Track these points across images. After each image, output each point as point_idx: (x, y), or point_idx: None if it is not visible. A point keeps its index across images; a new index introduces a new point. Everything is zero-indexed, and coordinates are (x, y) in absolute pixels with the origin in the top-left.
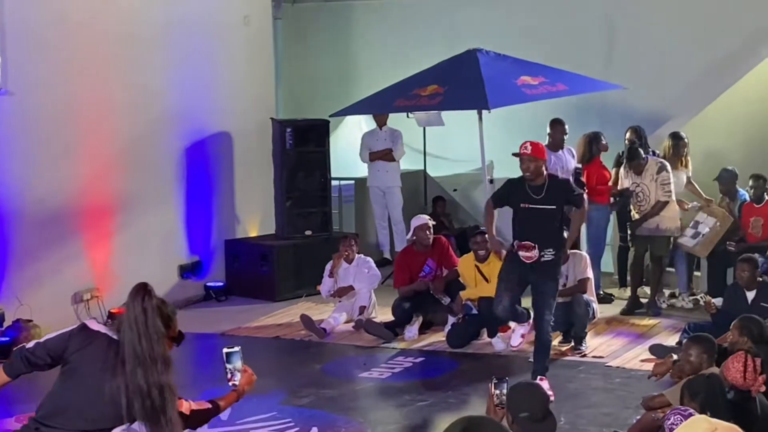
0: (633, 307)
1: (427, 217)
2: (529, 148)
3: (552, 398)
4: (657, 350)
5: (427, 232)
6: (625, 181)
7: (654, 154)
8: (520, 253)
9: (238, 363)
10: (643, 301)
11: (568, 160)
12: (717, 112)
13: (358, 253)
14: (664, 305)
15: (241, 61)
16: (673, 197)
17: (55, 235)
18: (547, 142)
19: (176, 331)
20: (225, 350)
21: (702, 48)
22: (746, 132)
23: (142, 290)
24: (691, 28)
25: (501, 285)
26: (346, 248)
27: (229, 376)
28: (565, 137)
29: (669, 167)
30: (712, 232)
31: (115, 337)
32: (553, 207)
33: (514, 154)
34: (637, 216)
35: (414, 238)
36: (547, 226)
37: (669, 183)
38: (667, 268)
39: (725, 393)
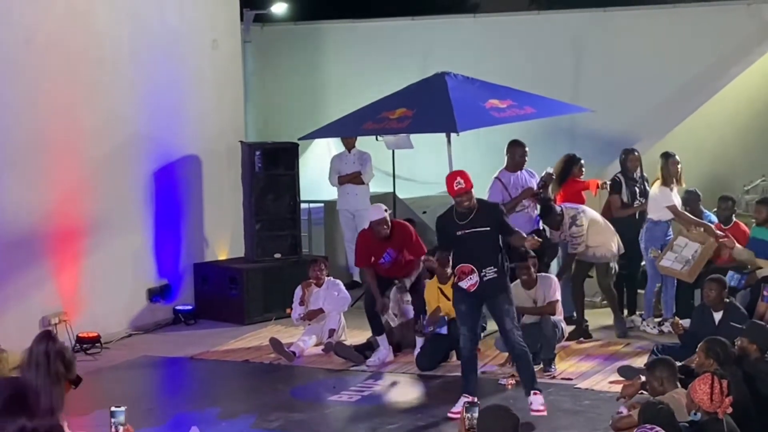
0: (579, 333)
1: (385, 208)
2: (463, 183)
3: (545, 413)
4: (626, 372)
5: (384, 227)
6: (553, 235)
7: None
8: (461, 284)
9: (121, 418)
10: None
11: (527, 181)
12: (683, 135)
13: (328, 275)
14: (655, 330)
15: (210, 84)
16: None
17: (22, 258)
18: (506, 164)
19: (75, 374)
20: (112, 408)
21: (669, 71)
22: (713, 153)
23: (46, 336)
24: (658, 52)
25: (457, 320)
26: (316, 271)
27: (113, 430)
28: (526, 158)
29: (582, 218)
30: (700, 257)
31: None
32: (487, 228)
33: (453, 193)
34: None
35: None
36: (483, 248)
37: (581, 236)
38: (639, 290)
39: (675, 423)
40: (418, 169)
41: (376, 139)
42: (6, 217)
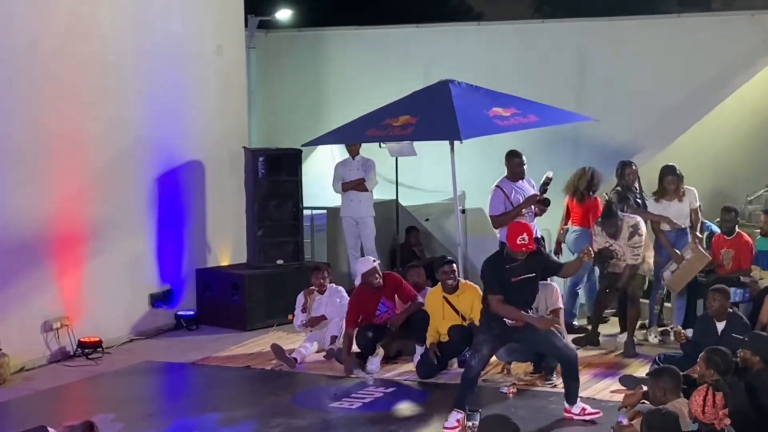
0: (588, 340)
1: (372, 259)
2: (527, 240)
3: (599, 415)
4: (627, 381)
5: (376, 276)
6: (599, 239)
7: (642, 192)
8: (506, 319)
9: None
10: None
11: (528, 190)
12: (686, 145)
13: (330, 282)
14: (656, 340)
15: (214, 90)
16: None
17: (24, 262)
18: (506, 174)
19: None
20: None
21: (672, 81)
22: (715, 163)
23: (89, 428)
24: (662, 62)
25: (481, 337)
26: (319, 279)
27: None
28: (524, 167)
29: (643, 228)
30: (683, 270)
31: None
32: (534, 274)
33: (514, 248)
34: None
35: (363, 281)
36: (531, 291)
37: (640, 246)
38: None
39: (680, 429)
40: (422, 177)
41: (380, 146)
42: (9, 220)
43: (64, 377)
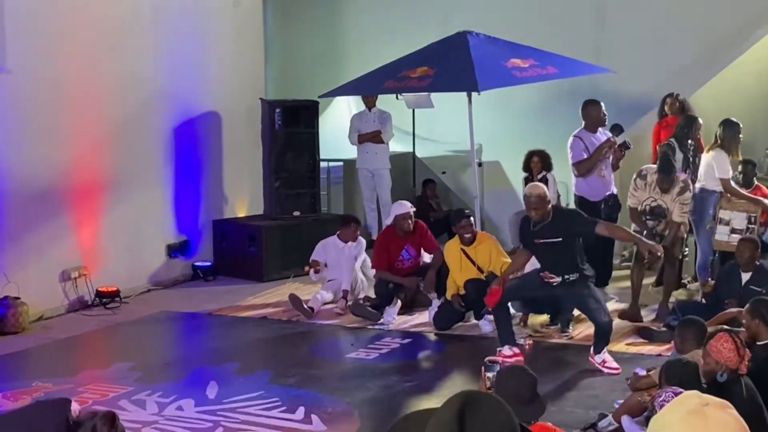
0: (629, 316)
1: (410, 205)
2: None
3: (618, 372)
4: (647, 334)
5: (409, 221)
6: (639, 193)
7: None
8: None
9: None
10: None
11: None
12: (706, 97)
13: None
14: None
15: (231, 42)
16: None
17: (43, 213)
18: (583, 124)
19: None
20: None
21: (693, 33)
22: (735, 116)
23: (112, 420)
24: (680, 14)
25: (514, 282)
26: (355, 232)
27: None
28: (604, 115)
29: (691, 186)
30: (757, 224)
31: None
32: (560, 239)
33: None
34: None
35: (394, 223)
36: (560, 255)
37: (688, 203)
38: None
39: (700, 380)
40: (438, 129)
41: (397, 97)
42: (27, 171)
43: (82, 326)
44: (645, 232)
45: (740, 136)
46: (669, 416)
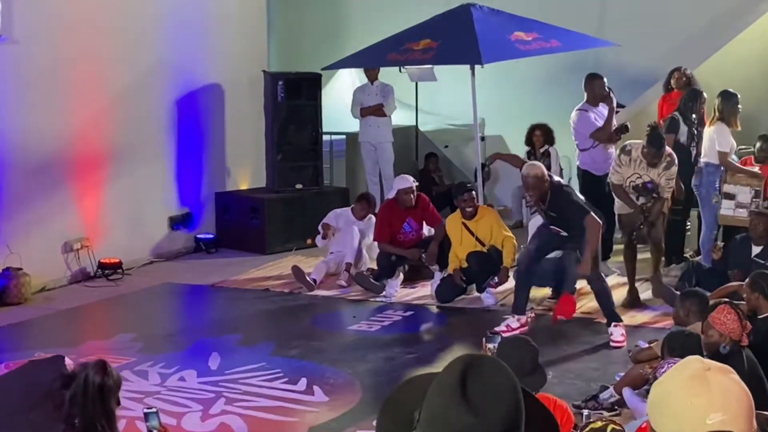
0: (632, 301)
1: (412, 179)
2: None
3: (623, 345)
4: (666, 293)
5: (411, 196)
6: (624, 169)
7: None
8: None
9: (155, 422)
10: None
11: (604, 115)
12: (710, 71)
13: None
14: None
15: (234, 13)
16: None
17: (45, 183)
18: (586, 98)
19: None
20: (144, 410)
21: (697, 6)
22: (739, 90)
23: (102, 369)
24: None
25: (533, 245)
26: (366, 209)
27: None
28: (606, 89)
29: (675, 160)
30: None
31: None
32: (554, 215)
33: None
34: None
35: (396, 197)
36: (563, 227)
37: (673, 179)
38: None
39: (702, 352)
40: (441, 102)
41: (400, 70)
42: (30, 142)
43: (85, 297)
44: (634, 209)
45: (739, 106)
46: (670, 381)
